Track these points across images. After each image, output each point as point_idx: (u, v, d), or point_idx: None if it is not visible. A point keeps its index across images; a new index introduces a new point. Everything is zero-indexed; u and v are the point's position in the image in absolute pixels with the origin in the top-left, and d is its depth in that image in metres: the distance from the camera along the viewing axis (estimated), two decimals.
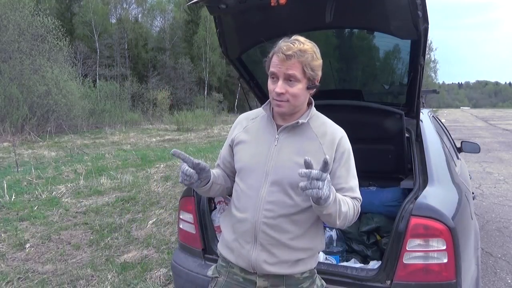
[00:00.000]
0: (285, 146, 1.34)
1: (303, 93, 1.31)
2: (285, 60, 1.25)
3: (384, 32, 2.22)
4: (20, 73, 15.16)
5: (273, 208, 1.31)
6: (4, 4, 15.13)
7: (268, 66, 1.33)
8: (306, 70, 1.27)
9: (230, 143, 1.48)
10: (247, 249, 1.34)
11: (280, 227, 1.31)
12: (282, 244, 1.32)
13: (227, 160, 1.51)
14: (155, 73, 31.33)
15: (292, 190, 1.30)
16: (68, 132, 15.89)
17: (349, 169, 1.37)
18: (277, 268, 1.33)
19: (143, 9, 37.30)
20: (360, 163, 2.70)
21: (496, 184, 6.60)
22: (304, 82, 1.29)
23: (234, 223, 1.40)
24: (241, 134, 1.45)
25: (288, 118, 1.37)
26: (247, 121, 1.48)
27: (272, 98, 1.31)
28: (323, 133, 1.36)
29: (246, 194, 1.36)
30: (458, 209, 1.84)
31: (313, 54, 1.29)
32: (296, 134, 1.36)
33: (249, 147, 1.40)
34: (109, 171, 7.24)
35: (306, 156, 1.15)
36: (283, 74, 1.27)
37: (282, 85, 1.27)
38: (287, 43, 1.27)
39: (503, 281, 3.09)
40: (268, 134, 1.38)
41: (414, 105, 2.25)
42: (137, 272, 3.17)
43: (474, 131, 18.82)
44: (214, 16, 2.20)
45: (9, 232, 4.08)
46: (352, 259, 2.28)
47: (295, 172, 1.26)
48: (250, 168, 1.37)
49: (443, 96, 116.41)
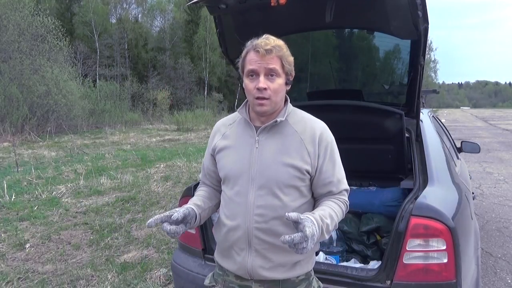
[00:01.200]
0: (266, 147, 1.32)
1: (282, 89, 1.31)
2: (265, 55, 1.24)
3: (384, 32, 2.22)
4: (20, 73, 15.15)
5: (263, 212, 1.29)
6: (4, 4, 15.12)
7: (243, 66, 1.31)
8: (285, 64, 1.28)
9: (211, 153, 1.46)
10: (243, 256, 1.33)
11: (273, 231, 1.29)
12: (277, 248, 1.30)
13: (211, 170, 1.49)
14: (155, 73, 31.30)
15: (280, 190, 1.29)
16: (68, 132, 15.88)
17: (335, 162, 1.36)
18: (274, 273, 1.32)
19: (143, 9, 37.28)
20: (360, 163, 2.72)
21: (496, 184, 6.60)
22: (283, 77, 1.30)
23: (226, 231, 1.37)
24: (220, 141, 1.42)
25: (266, 119, 1.35)
26: (225, 127, 1.45)
27: (253, 97, 1.29)
28: (302, 129, 1.35)
29: (234, 201, 1.34)
30: (458, 209, 1.84)
31: (287, 49, 1.30)
32: (276, 133, 1.34)
33: (230, 153, 1.38)
34: (109, 171, 7.24)
35: (288, 151, 1.19)
36: (263, 69, 1.26)
37: (264, 81, 1.26)
38: (261, 39, 1.27)
39: (503, 281, 3.09)
40: (248, 137, 1.36)
41: (414, 105, 2.25)
42: (137, 272, 3.17)
43: (474, 131, 18.81)
44: (214, 16, 2.20)
45: (9, 232, 4.08)
46: (352, 259, 2.28)
47: (280, 172, 1.28)
48: (234, 174, 1.35)
49: (443, 96, 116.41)
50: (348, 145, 2.63)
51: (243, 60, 1.31)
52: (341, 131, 2.54)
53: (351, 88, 3.02)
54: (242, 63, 1.32)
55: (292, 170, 1.29)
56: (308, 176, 1.32)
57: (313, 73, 3.15)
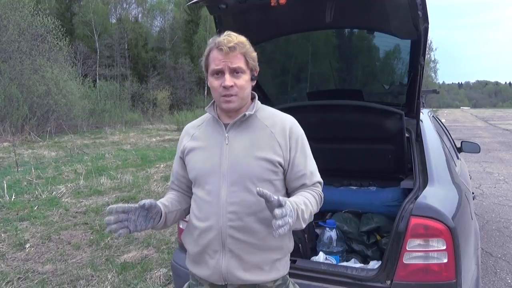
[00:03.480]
0: (237, 142, 1.31)
1: (248, 85, 1.31)
2: (229, 52, 1.23)
3: (384, 32, 2.22)
4: (20, 73, 15.15)
5: (237, 209, 1.26)
6: (4, 4, 15.12)
7: (207, 64, 1.30)
8: (249, 60, 1.28)
9: (180, 155, 1.42)
10: (216, 259, 1.29)
11: (247, 228, 1.27)
12: (253, 246, 1.27)
13: (180, 174, 1.45)
14: (155, 73, 31.30)
15: (254, 185, 1.25)
16: (68, 132, 15.86)
17: (306, 154, 1.37)
18: (250, 275, 1.28)
19: (143, 9, 37.28)
20: (360, 163, 2.72)
21: (496, 184, 6.60)
22: (248, 73, 1.30)
23: (197, 235, 1.33)
24: (189, 143, 1.39)
25: (234, 115, 1.33)
26: (194, 129, 1.43)
27: (220, 95, 1.27)
28: (272, 123, 1.34)
29: (206, 201, 1.30)
30: (458, 209, 1.84)
31: (250, 45, 1.30)
32: (246, 128, 1.33)
33: (200, 152, 1.35)
34: (109, 171, 7.24)
35: (259, 145, 1.20)
36: (228, 68, 1.25)
37: (230, 78, 1.25)
38: (223, 37, 1.26)
39: (503, 281, 3.09)
40: (218, 135, 1.34)
41: (414, 105, 2.25)
42: (137, 272, 3.17)
43: (474, 131, 18.81)
44: (214, 16, 2.20)
45: (9, 232, 4.08)
46: (352, 259, 2.28)
47: (253, 166, 1.27)
48: (205, 173, 1.31)
49: (443, 96, 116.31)
50: (348, 145, 2.64)
51: (206, 59, 1.29)
52: (341, 131, 2.55)
53: (351, 88, 3.02)
54: (206, 62, 1.30)
55: (265, 163, 1.28)
56: (281, 168, 1.31)
57: (313, 73, 3.15)
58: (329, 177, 2.78)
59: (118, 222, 1.18)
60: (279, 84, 3.26)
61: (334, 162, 2.74)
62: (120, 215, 1.18)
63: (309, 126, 2.64)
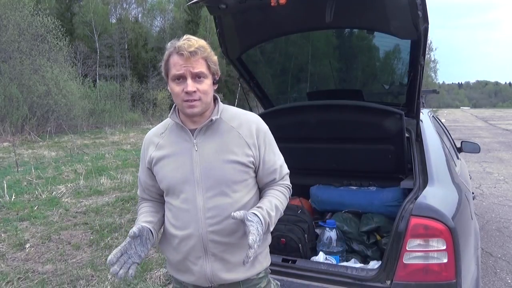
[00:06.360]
0: (206, 148, 1.30)
1: (211, 89, 1.30)
2: (190, 57, 1.22)
3: (384, 32, 2.22)
4: (20, 73, 15.17)
5: (215, 214, 1.27)
6: (4, 4, 15.14)
7: (167, 70, 1.27)
8: (210, 65, 1.27)
9: (147, 166, 1.39)
10: (200, 265, 1.30)
11: (227, 230, 1.28)
12: (234, 246, 1.29)
13: (149, 184, 1.42)
14: (155, 73, 31.27)
15: (229, 188, 1.28)
16: (68, 132, 15.87)
17: (274, 150, 1.40)
18: (235, 274, 1.31)
19: (143, 9, 37.29)
20: (360, 163, 2.72)
21: (496, 184, 6.60)
22: (210, 77, 1.28)
23: (177, 243, 1.32)
24: (155, 152, 1.35)
25: (199, 120, 1.32)
26: (157, 137, 1.39)
27: (182, 100, 1.25)
28: (238, 123, 1.35)
29: (182, 209, 1.30)
30: (458, 209, 1.84)
31: (210, 49, 1.29)
32: (213, 132, 1.32)
33: (169, 162, 1.32)
34: (109, 171, 7.24)
35: (230, 148, 1.23)
36: (190, 73, 1.23)
37: (193, 84, 1.23)
38: (183, 41, 1.24)
39: (503, 281, 3.09)
40: (185, 142, 1.32)
41: (414, 105, 2.25)
42: (137, 272, 3.17)
43: (474, 131, 18.81)
44: (214, 16, 2.20)
45: (9, 232, 4.09)
46: (352, 259, 2.28)
47: (226, 170, 1.28)
48: (178, 182, 1.30)
49: (443, 96, 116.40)
50: (348, 145, 2.64)
51: (166, 64, 1.27)
52: (341, 131, 2.55)
53: (351, 88, 3.02)
54: (166, 67, 1.27)
55: (237, 166, 1.29)
56: (252, 167, 1.33)
57: (313, 73, 3.15)
58: (329, 177, 2.79)
59: (123, 266, 1.20)
60: (279, 84, 3.27)
61: (334, 162, 2.74)
62: (121, 259, 1.20)
63: (309, 126, 2.65)
